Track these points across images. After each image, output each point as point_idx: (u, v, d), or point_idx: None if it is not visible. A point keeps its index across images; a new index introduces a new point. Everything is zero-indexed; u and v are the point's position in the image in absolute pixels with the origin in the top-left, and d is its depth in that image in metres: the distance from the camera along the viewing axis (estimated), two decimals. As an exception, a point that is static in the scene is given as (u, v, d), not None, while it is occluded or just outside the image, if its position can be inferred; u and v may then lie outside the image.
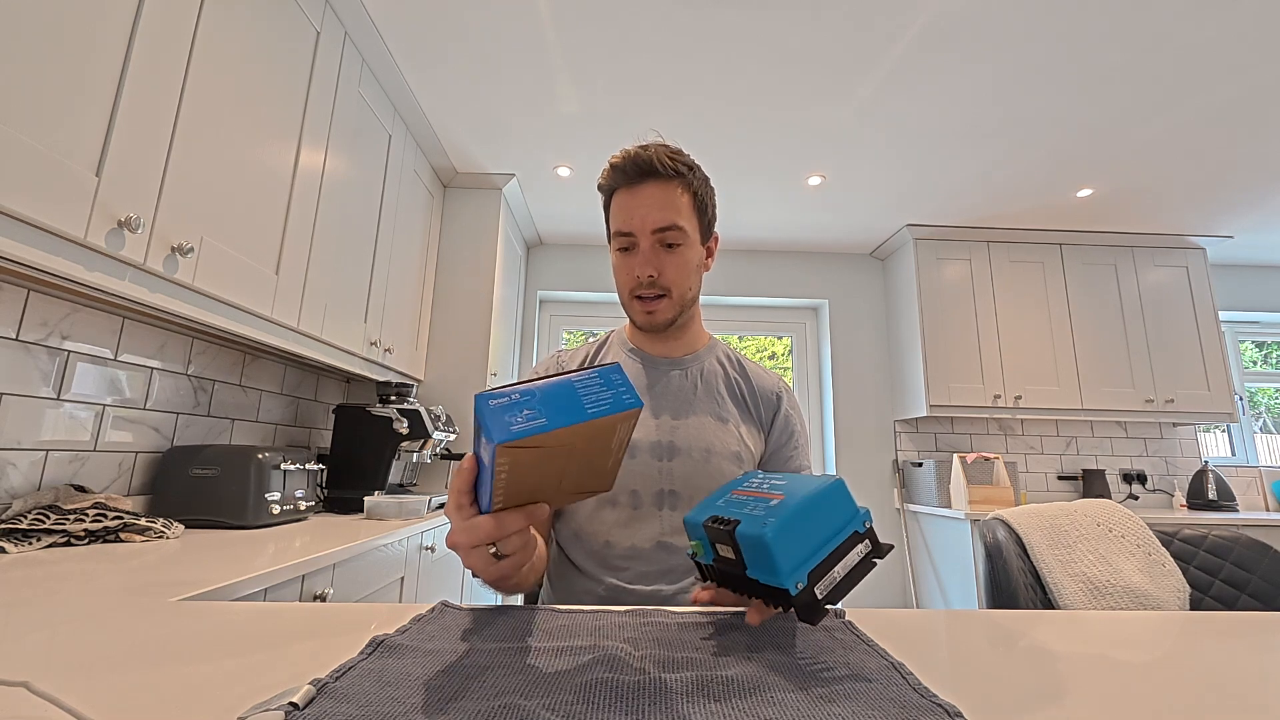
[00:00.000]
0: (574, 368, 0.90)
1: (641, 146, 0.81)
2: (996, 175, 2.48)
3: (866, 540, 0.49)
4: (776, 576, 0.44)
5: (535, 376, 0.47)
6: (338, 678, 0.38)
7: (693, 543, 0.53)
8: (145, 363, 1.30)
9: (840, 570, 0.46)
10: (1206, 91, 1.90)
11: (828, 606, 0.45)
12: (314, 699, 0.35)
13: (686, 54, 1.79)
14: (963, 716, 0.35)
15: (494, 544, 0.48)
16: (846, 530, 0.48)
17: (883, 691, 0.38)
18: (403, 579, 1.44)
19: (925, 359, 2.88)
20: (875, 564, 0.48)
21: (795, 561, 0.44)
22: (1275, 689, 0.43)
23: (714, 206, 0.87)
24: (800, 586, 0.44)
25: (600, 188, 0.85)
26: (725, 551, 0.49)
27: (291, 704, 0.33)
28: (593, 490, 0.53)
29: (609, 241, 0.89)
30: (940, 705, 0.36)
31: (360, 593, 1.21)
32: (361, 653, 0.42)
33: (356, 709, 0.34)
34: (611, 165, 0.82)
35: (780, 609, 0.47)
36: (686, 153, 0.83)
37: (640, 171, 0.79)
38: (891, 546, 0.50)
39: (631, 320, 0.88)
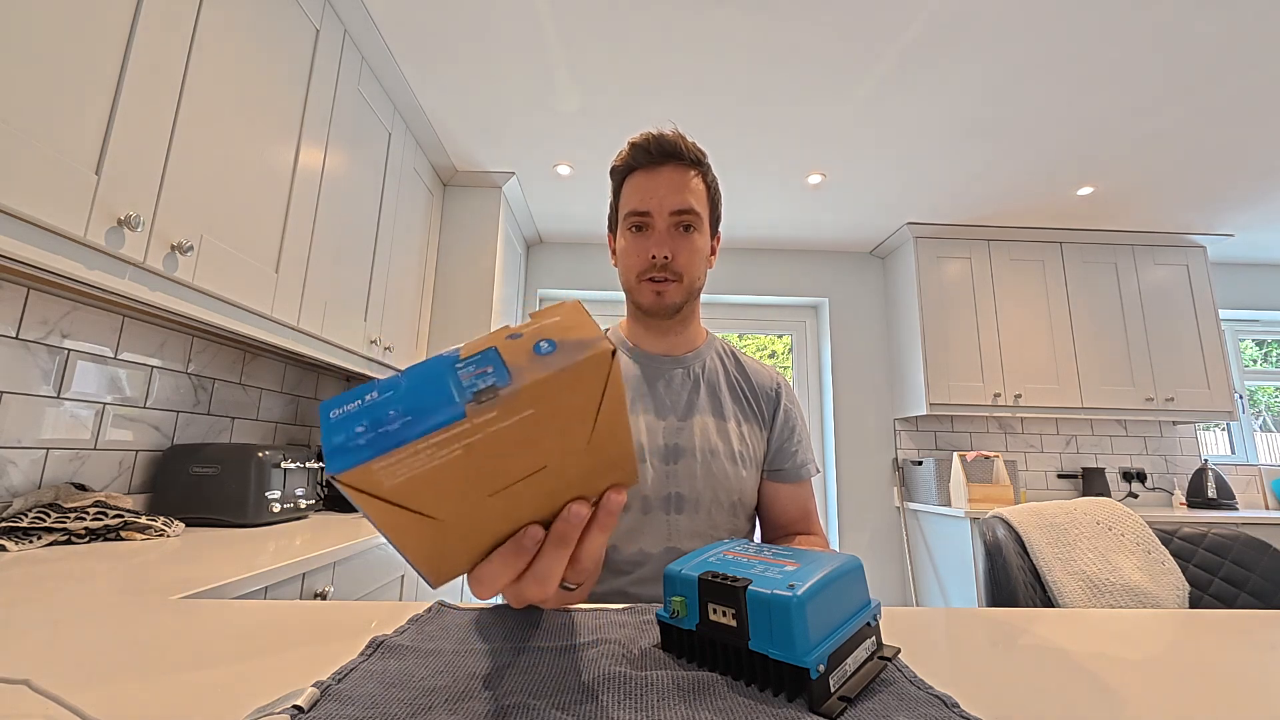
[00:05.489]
0: None
1: (659, 130, 0.80)
2: (997, 173, 2.48)
3: (873, 638, 0.43)
4: (793, 653, 0.36)
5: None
6: (340, 679, 0.38)
7: (674, 599, 0.43)
8: (145, 361, 1.30)
9: (851, 664, 0.39)
10: (1207, 89, 1.90)
11: (841, 702, 0.36)
12: (318, 701, 0.35)
13: (686, 52, 1.79)
14: (959, 707, 0.35)
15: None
16: (859, 619, 0.42)
17: (881, 685, 0.39)
18: (403, 577, 1.44)
19: (925, 357, 2.88)
20: (885, 664, 0.42)
21: (817, 638, 0.37)
22: (1275, 687, 0.43)
23: (721, 203, 0.88)
24: (821, 670, 0.36)
25: (614, 170, 0.84)
26: (722, 616, 0.40)
27: (296, 707, 0.33)
28: (606, 481, 0.38)
29: (614, 226, 0.86)
30: (937, 696, 0.36)
31: (360, 591, 1.21)
32: (362, 654, 0.42)
33: (363, 711, 0.34)
34: (632, 145, 0.80)
35: (782, 696, 0.37)
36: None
37: (664, 153, 0.79)
38: (898, 650, 0.44)
39: (637, 304, 0.84)
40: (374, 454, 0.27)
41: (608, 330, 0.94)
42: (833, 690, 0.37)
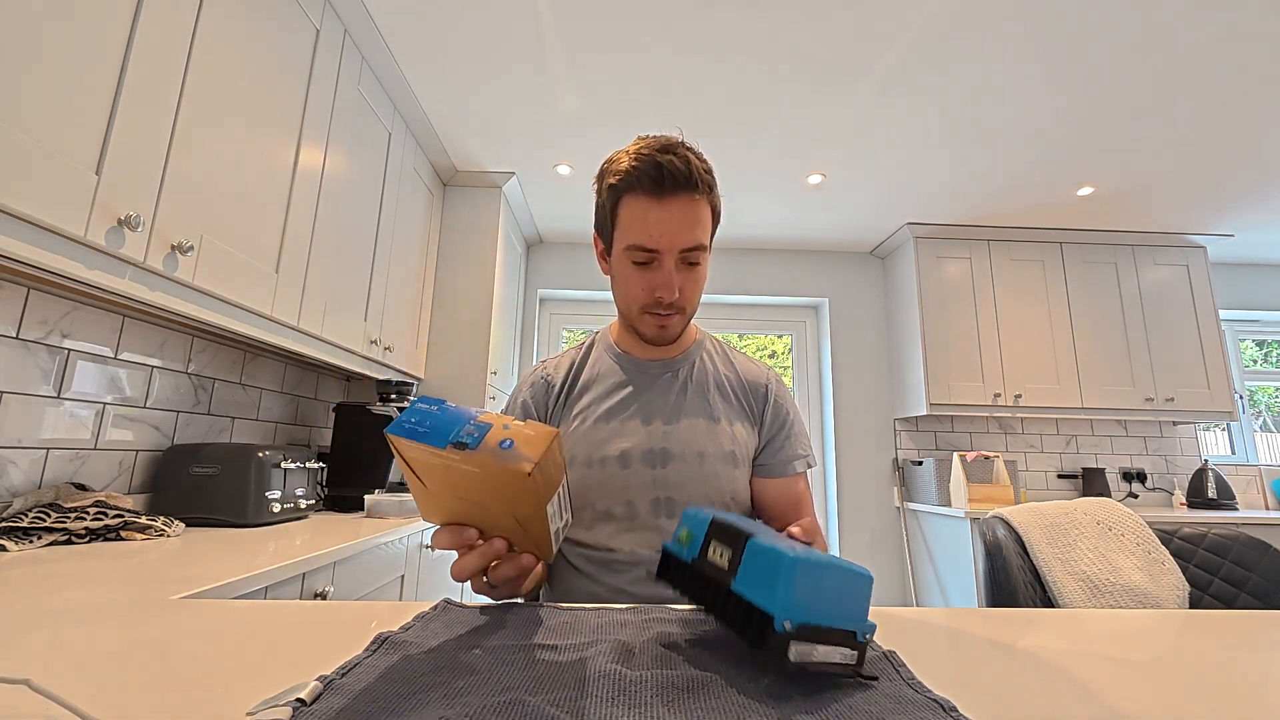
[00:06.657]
0: (559, 379, 0.87)
1: (669, 149, 0.72)
2: (997, 174, 2.48)
3: (856, 652, 0.42)
4: (771, 600, 0.38)
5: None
6: (344, 674, 0.38)
7: (682, 530, 0.49)
8: (145, 361, 1.30)
9: (820, 653, 0.40)
10: (1207, 89, 1.90)
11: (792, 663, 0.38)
12: (321, 695, 0.35)
13: (687, 53, 1.79)
14: (957, 711, 0.35)
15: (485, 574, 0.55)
16: (849, 625, 0.41)
17: (879, 686, 0.39)
18: (403, 577, 1.44)
19: (925, 357, 2.88)
20: (851, 670, 0.41)
21: (798, 603, 0.39)
22: (1274, 687, 0.43)
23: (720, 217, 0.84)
24: (787, 628, 0.37)
25: (612, 186, 0.74)
26: (718, 555, 0.44)
27: (299, 700, 0.33)
28: (526, 548, 0.55)
29: (603, 232, 0.80)
30: (935, 700, 0.36)
31: (360, 591, 1.21)
32: (367, 649, 0.42)
33: (364, 705, 0.34)
34: (636, 169, 0.71)
35: (743, 637, 0.40)
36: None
37: (676, 183, 0.71)
38: (875, 679, 0.41)
39: (638, 333, 0.83)
40: (404, 436, 0.45)
41: (599, 332, 0.93)
42: (790, 656, 0.38)
